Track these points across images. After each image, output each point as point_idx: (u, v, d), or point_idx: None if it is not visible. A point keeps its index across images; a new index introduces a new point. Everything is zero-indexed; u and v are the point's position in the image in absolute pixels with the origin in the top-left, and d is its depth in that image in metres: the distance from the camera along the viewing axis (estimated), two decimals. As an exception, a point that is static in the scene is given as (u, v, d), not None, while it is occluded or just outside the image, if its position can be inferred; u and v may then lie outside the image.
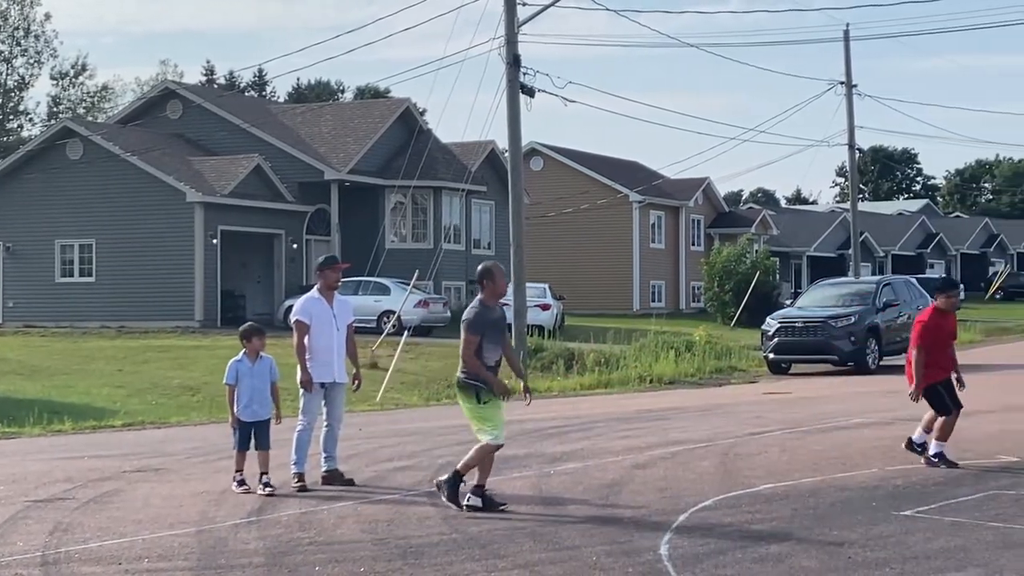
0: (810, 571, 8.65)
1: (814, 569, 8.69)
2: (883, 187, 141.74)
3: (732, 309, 48.03)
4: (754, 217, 68.36)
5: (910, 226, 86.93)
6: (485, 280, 11.25)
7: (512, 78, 30.01)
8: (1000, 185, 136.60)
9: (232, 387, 12.28)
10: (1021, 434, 15.39)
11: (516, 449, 15.55)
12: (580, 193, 56.44)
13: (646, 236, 59.48)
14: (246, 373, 12.29)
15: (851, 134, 49.02)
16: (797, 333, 29.60)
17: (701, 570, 8.73)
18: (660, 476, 13.11)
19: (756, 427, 17.66)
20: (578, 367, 29.89)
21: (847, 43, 48.47)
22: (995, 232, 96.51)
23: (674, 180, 60.55)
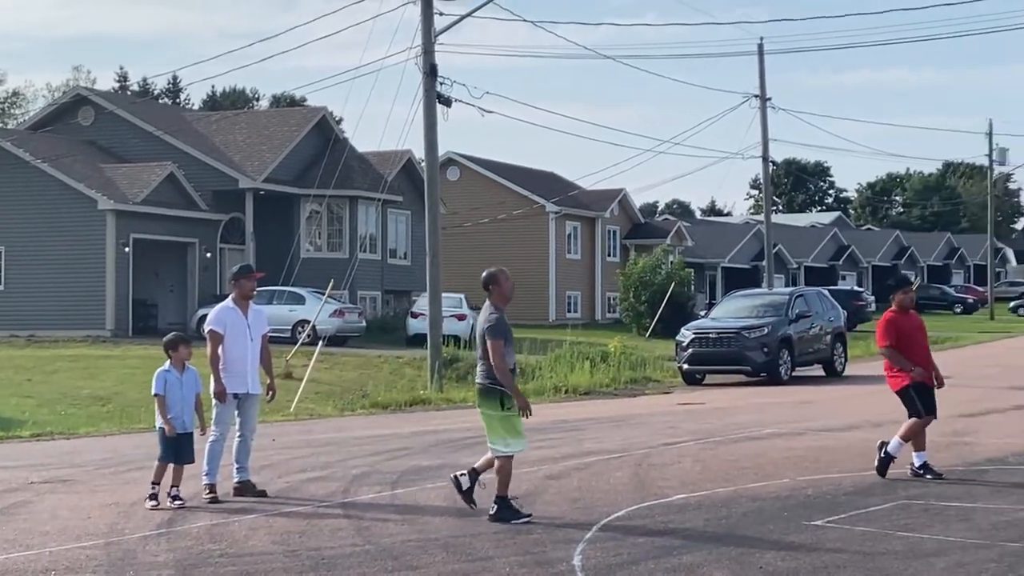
0: (722, 581, 8.69)
1: (726, 579, 8.73)
2: (797, 199, 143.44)
3: (647, 320, 48.29)
4: (669, 228, 68.83)
5: (823, 238, 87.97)
6: (491, 285, 11.32)
7: (429, 88, 29.97)
8: (911, 198, 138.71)
9: (162, 398, 12.06)
10: (932, 444, 15.59)
11: (430, 460, 15.53)
12: (497, 203, 56.50)
13: (562, 247, 59.64)
14: (175, 383, 12.11)
15: (765, 147, 49.50)
16: (711, 344, 29.80)
17: (614, 581, 8.74)
18: (574, 486, 13.13)
19: (670, 437, 17.75)
20: (494, 377, 29.86)
21: (761, 57, 48.95)
22: (906, 245, 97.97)
23: (590, 191, 60.81)
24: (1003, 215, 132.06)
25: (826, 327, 31.84)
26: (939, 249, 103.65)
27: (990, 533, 10.32)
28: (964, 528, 10.54)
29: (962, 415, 19.86)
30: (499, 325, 11.09)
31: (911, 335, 13.64)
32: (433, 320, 29.92)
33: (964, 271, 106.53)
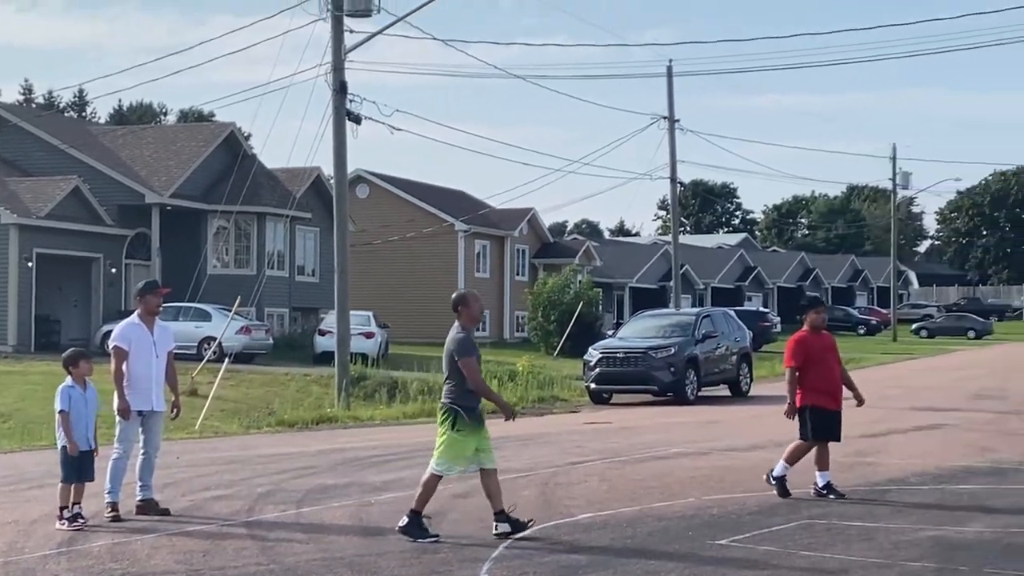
0: (627, 600, 8.72)
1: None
2: (704, 220, 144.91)
3: (556, 339, 48.43)
4: (578, 248, 69.13)
5: (729, 259, 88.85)
6: (460, 306, 11.39)
7: (338, 105, 29.87)
8: (816, 221, 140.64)
9: (66, 414, 11.84)
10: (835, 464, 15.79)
11: (336, 478, 15.44)
12: (406, 221, 56.40)
13: (471, 265, 59.65)
14: (79, 400, 11.90)
15: (673, 168, 49.92)
16: (618, 363, 29.95)
17: (520, 600, 8.74)
18: (481, 506, 13.10)
19: (576, 457, 17.80)
20: (401, 396, 29.78)
21: (670, 79, 49.40)
22: (811, 266, 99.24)
23: (500, 210, 60.90)
24: (906, 238, 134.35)
25: (732, 347, 32.14)
26: (843, 271, 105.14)
27: (891, 552, 10.47)
28: (866, 548, 10.69)
29: (864, 436, 20.12)
30: (469, 343, 11.19)
31: (822, 356, 13.79)
32: (341, 338, 29.78)
33: (868, 293, 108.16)
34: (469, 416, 11.04)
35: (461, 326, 11.34)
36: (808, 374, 13.67)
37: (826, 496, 13.46)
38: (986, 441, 19.64)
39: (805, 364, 13.67)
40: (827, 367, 13.79)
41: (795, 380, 13.64)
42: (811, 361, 13.66)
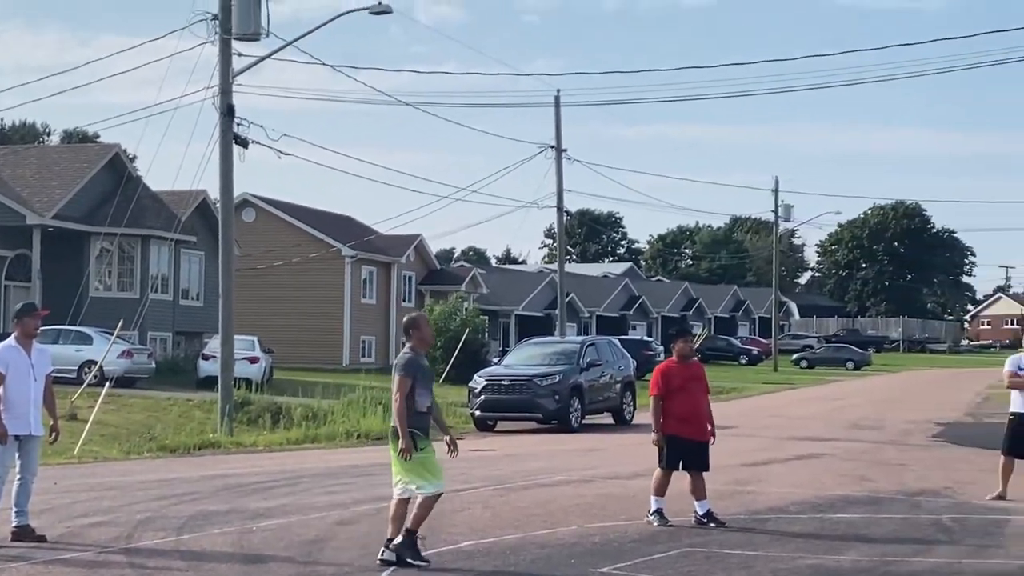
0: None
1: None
2: (590, 249, 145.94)
3: (441, 366, 48.27)
4: (465, 275, 69.18)
5: (614, 288, 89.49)
6: (411, 330, 11.46)
7: (225, 128, 29.61)
8: (699, 251, 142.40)
9: None
10: (710, 493, 15.96)
11: (218, 505, 15.27)
12: (292, 246, 56.00)
13: (357, 291, 59.39)
14: None
15: (560, 197, 50.19)
16: (503, 391, 30.01)
17: (402, 628, 8.71)
18: (364, 532, 13.06)
19: (460, 484, 17.77)
20: (285, 421, 29.53)
21: (558, 108, 49.73)
22: (694, 296, 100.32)
23: (387, 236, 60.70)
24: (787, 270, 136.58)
25: (616, 376, 32.37)
26: (726, 301, 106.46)
27: (768, 579, 10.61)
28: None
29: (745, 464, 20.40)
30: (411, 363, 11.19)
31: (687, 385, 13.94)
32: (225, 362, 29.45)
33: (750, 323, 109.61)
34: (424, 436, 11.07)
35: (411, 348, 11.41)
36: (672, 403, 13.81)
37: (707, 524, 13.60)
38: (863, 471, 19.99)
39: (669, 393, 13.82)
40: (692, 397, 13.93)
41: (659, 409, 13.82)
42: (675, 390, 13.81)
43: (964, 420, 33.41)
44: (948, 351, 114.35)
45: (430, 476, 11.05)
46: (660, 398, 13.81)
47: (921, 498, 16.63)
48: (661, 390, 13.81)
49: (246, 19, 29.05)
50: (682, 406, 13.80)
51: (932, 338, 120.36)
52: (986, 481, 17.49)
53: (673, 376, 13.88)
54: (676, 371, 13.93)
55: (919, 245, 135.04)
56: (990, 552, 12.36)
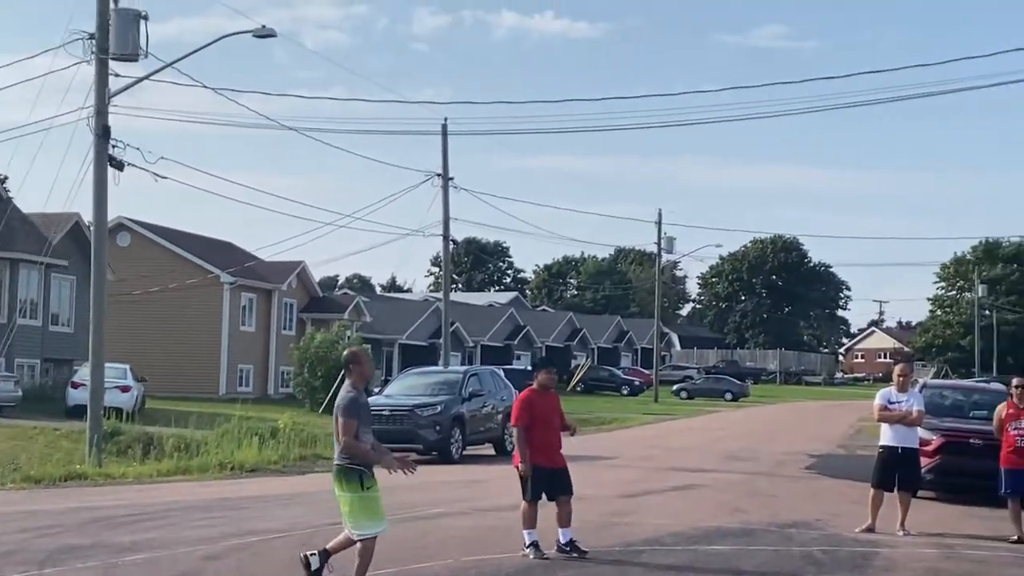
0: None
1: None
2: (476, 278, 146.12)
3: (322, 395, 47.84)
4: (348, 303, 68.72)
5: (500, 317, 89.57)
6: (352, 365, 11.21)
7: (100, 150, 29.03)
8: (584, 281, 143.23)
9: None
10: (587, 524, 15.90)
11: (82, 538, 14.85)
12: (169, 272, 55.14)
13: (236, 318, 58.65)
14: None
15: (446, 225, 50.08)
16: (384, 421, 29.68)
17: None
18: (233, 568, 12.77)
19: (336, 517, 17.43)
20: (156, 452, 28.93)
21: (445, 136, 49.62)
22: (578, 326, 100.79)
23: (268, 263, 60.08)
24: (669, 301, 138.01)
25: (498, 406, 32.24)
26: (610, 331, 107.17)
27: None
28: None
29: (622, 496, 20.39)
30: (352, 404, 10.97)
31: (546, 415, 14.00)
32: (94, 391, 28.74)
33: (632, 354, 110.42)
34: (370, 472, 10.96)
35: (351, 384, 11.19)
36: (533, 433, 13.86)
37: (569, 553, 13.58)
38: (737, 501, 20.09)
39: (531, 423, 13.85)
40: (551, 427, 14.02)
41: (523, 438, 13.83)
42: (536, 421, 13.87)
43: (836, 452, 33.84)
44: (823, 383, 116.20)
45: (373, 516, 10.94)
46: (524, 428, 13.82)
47: (793, 530, 16.73)
48: (524, 420, 13.84)
49: (124, 39, 28.55)
50: (542, 436, 13.86)
51: (808, 370, 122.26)
52: (856, 513, 17.67)
53: (535, 406, 13.94)
54: (537, 401, 13.99)
55: (796, 279, 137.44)
56: (860, 585, 12.42)
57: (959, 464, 20.22)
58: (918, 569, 13.56)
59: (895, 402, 16.73)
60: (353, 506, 10.95)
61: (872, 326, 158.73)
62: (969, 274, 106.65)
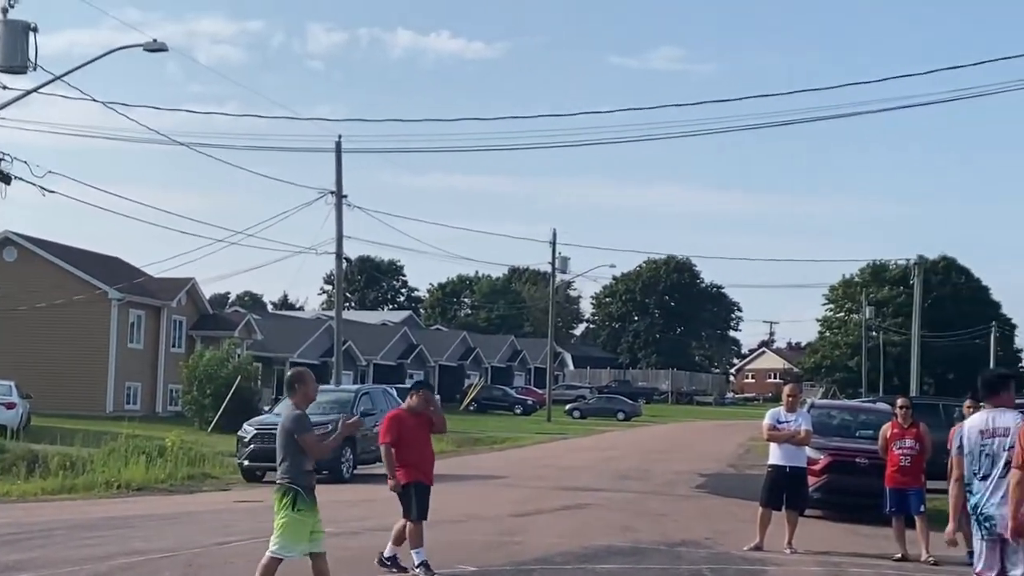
0: None
1: None
2: (369, 296, 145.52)
3: (211, 414, 47.31)
4: (239, 320, 68.05)
5: (393, 336, 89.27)
6: (297, 384, 11.08)
7: (-13, 164, 28.53)
8: (479, 301, 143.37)
9: None
10: (478, 543, 15.90)
11: (-39, 559, 14.51)
12: (55, 287, 54.14)
13: (124, 335, 57.74)
14: None
15: (339, 243, 49.74)
16: (273, 440, 29.24)
17: None
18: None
19: (224, 536, 17.34)
20: (41, 470, 28.37)
21: (339, 154, 49.33)
22: (472, 345, 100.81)
23: (158, 279, 59.25)
24: (563, 321, 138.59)
25: (389, 425, 32.08)
26: (503, 351, 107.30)
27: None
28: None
29: (512, 515, 20.40)
30: (304, 420, 10.94)
31: (416, 435, 14.09)
32: (-22, 408, 28.20)
33: (526, 373, 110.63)
34: (308, 495, 10.82)
35: (294, 405, 11.11)
36: (408, 452, 13.99)
37: (389, 568, 13.81)
38: (628, 521, 20.21)
39: (401, 441, 13.97)
40: (425, 444, 14.19)
41: (391, 455, 13.99)
42: (406, 439, 14.00)
43: (726, 471, 34.21)
44: (714, 403, 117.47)
45: (296, 540, 10.86)
46: (391, 445, 13.99)
47: (682, 548, 16.88)
48: (393, 438, 13.98)
49: (12, 52, 28.09)
50: (417, 454, 14.02)
51: (699, 390, 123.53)
52: (744, 531, 17.87)
53: (404, 423, 14.07)
54: (407, 420, 14.12)
55: (689, 299, 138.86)
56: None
57: (845, 483, 20.59)
58: (804, 587, 13.73)
59: (784, 422, 16.96)
60: (283, 525, 10.89)
61: (763, 347, 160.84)
62: (857, 296, 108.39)
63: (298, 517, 10.83)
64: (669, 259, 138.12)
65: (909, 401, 17.68)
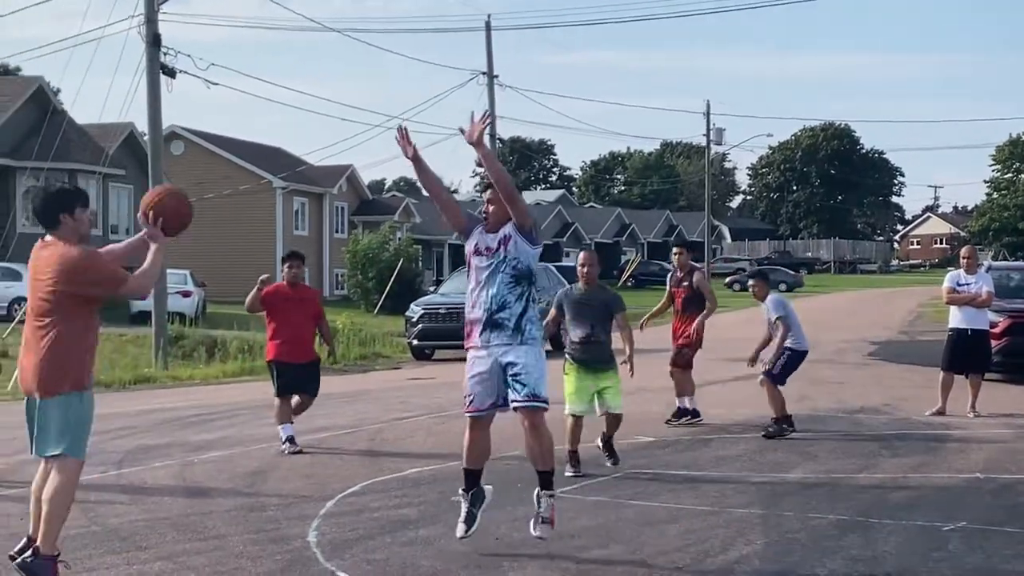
0: (460, 554, 8.65)
1: (464, 552, 8.70)
2: (521, 177, 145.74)
3: (376, 296, 48.13)
4: (398, 205, 68.80)
5: (548, 215, 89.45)
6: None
7: (152, 58, 29.10)
8: (631, 177, 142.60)
9: None
10: (654, 414, 15.99)
11: (157, 439, 15.08)
12: (222, 178, 55.35)
13: (289, 223, 58.90)
14: None
15: (492, 124, 49.88)
16: (440, 319, 29.84)
17: (350, 555, 8.60)
18: (306, 463, 12.93)
19: (401, 412, 17.71)
20: (221, 355, 29.26)
21: (488, 34, 49.33)
22: (627, 222, 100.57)
23: (318, 167, 60.15)
24: (719, 194, 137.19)
25: (552, 303, 32.21)
26: (659, 226, 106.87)
27: (718, 500, 10.60)
28: (693, 496, 10.80)
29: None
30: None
31: (291, 308, 13.86)
32: (157, 296, 29.10)
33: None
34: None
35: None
36: (276, 327, 13.85)
37: (293, 445, 13.54)
38: (802, 390, 20.00)
39: (273, 315, 13.83)
40: (296, 323, 13.87)
41: (254, 300, 13.81)
42: (279, 313, 13.80)
43: (898, 339, 33.74)
44: (879, 271, 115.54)
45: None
46: (253, 311, 13.98)
47: (861, 415, 16.76)
48: (254, 304, 13.80)
49: (170, -55, 28.43)
50: (287, 331, 13.79)
51: (863, 259, 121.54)
52: (923, 397, 17.66)
53: (278, 295, 13.83)
54: (283, 292, 13.89)
55: (849, 167, 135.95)
56: (933, 466, 12.43)
57: (1029, 344, 20.13)
58: (993, 449, 13.54)
59: (964, 284, 16.63)
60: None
61: (927, 212, 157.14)
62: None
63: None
64: (827, 126, 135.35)
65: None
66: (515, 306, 8.47)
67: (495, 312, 8.47)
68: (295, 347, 13.82)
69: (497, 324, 8.47)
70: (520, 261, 8.52)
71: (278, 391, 13.84)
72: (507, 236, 8.51)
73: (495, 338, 8.46)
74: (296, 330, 13.81)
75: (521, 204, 8.52)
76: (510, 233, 8.51)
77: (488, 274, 8.55)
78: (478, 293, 8.58)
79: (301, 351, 13.90)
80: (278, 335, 13.83)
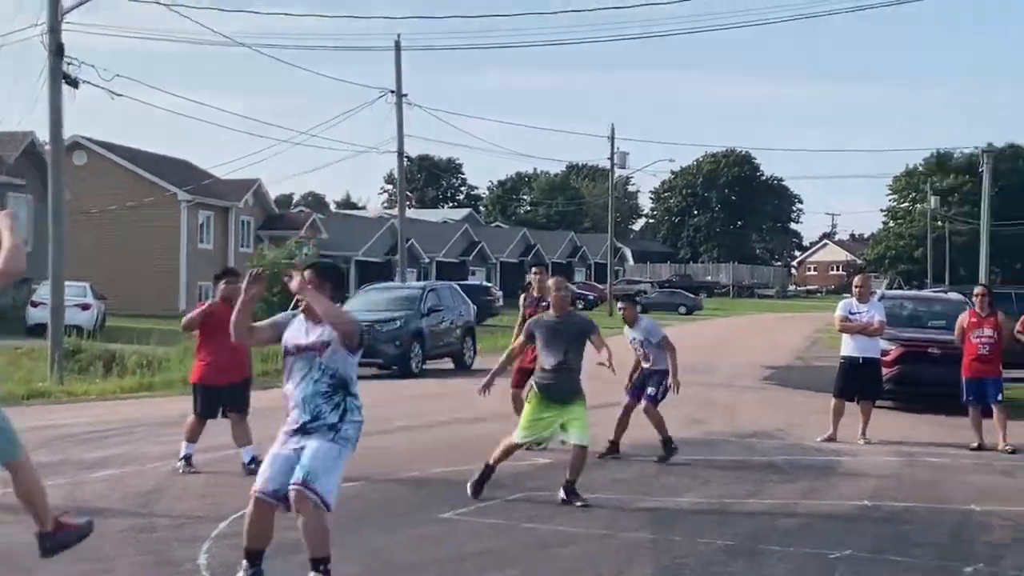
0: (352, 576, 8.65)
1: (358, 574, 8.70)
2: (429, 195, 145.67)
3: (282, 311, 47.76)
4: (304, 220, 68.47)
5: (454, 234, 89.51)
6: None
7: (55, 67, 28.67)
8: (537, 197, 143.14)
9: None
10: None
11: (49, 456, 14.85)
12: (126, 190, 54.72)
13: (194, 236, 58.36)
14: None
15: (400, 142, 49.83)
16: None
17: (242, 578, 8.55)
18: (202, 482, 12.84)
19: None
20: (119, 369, 28.88)
21: (398, 53, 49.25)
22: (532, 242, 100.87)
23: (225, 180, 59.68)
24: (622, 216, 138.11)
25: (456, 321, 32.38)
26: (563, 247, 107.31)
27: (610, 523, 10.70)
28: (587, 519, 10.89)
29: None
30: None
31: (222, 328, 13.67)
32: (55, 309, 28.63)
33: (586, 269, 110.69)
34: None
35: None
36: (207, 347, 13.66)
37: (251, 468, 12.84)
38: (697, 413, 20.27)
39: (206, 335, 13.55)
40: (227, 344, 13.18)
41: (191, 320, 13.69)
42: (214, 332, 13.09)
43: (794, 363, 34.19)
44: (776, 296, 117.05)
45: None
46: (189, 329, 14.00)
47: (754, 439, 16.99)
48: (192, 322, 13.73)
49: (75, -45, 28.14)
50: (216, 353, 13.46)
51: (761, 283, 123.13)
52: (816, 423, 17.94)
53: (215, 316, 13.24)
54: (219, 312, 13.02)
55: (749, 192, 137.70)
56: (823, 493, 12.65)
57: (918, 373, 20.54)
58: (881, 476, 13.81)
59: (856, 313, 16.93)
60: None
61: (824, 238, 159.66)
62: (921, 185, 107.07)
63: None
64: (729, 152, 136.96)
65: (987, 289, 17.49)
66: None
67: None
68: (225, 368, 13.53)
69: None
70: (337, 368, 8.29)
71: (200, 412, 13.70)
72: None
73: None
74: (230, 351, 13.14)
75: (348, 325, 8.35)
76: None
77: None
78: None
79: (232, 371, 13.61)
80: (207, 355, 13.56)
